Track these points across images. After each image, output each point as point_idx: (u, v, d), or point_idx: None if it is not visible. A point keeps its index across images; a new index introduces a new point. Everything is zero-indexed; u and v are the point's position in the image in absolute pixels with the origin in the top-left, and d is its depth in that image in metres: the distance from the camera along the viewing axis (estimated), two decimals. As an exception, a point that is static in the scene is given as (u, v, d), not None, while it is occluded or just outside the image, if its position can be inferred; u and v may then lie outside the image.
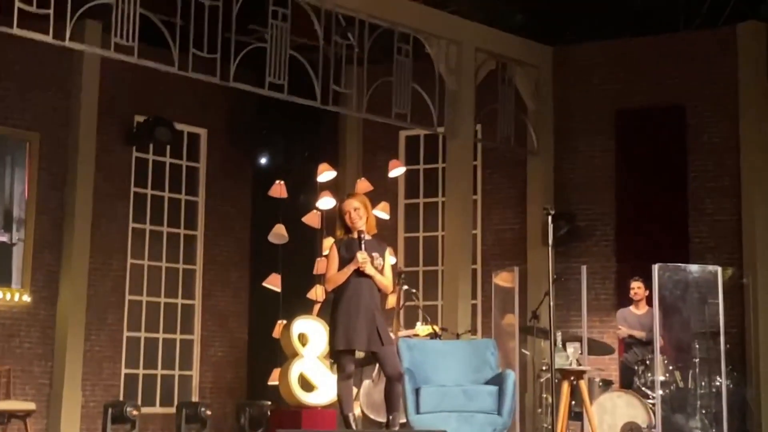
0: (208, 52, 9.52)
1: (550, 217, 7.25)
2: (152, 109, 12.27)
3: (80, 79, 11.54)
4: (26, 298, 11.24)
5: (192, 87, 11.61)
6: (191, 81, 10.12)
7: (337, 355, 6.89)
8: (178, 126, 12.51)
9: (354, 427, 6.76)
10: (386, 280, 7.01)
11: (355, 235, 7.00)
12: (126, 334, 12.19)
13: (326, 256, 7.08)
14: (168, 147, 12.62)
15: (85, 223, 11.53)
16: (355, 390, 7.36)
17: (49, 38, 8.69)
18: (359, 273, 6.87)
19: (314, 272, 10.85)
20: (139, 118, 12.28)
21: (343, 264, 6.93)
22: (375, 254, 6.96)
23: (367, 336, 6.80)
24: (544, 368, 10.69)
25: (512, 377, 8.44)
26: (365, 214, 7.04)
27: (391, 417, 6.96)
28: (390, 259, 7.09)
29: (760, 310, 11.46)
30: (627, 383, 10.51)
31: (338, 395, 6.98)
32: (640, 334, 10.70)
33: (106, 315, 11.95)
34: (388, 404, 6.99)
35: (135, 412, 10.41)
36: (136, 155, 12.46)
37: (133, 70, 11.09)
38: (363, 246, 6.91)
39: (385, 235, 9.36)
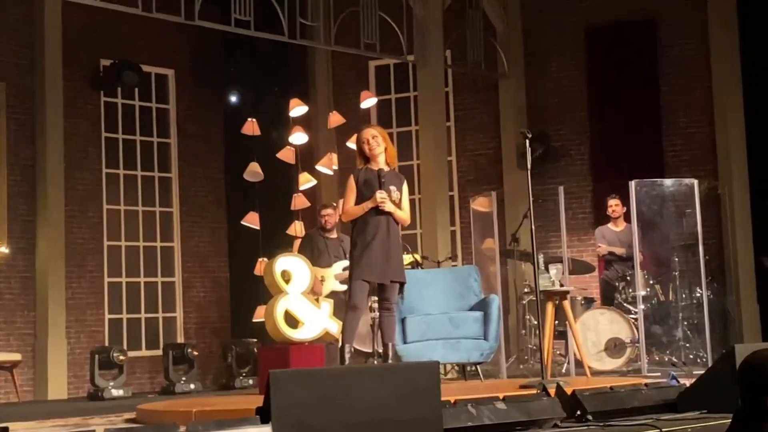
0: (172, -9, 9.37)
1: (527, 140, 7.23)
2: (118, 52, 12.09)
3: (43, 25, 11.34)
4: (4, 250, 11.17)
5: (157, 28, 11.45)
6: (156, 21, 9.98)
7: (352, 285, 6.91)
8: (145, 68, 12.34)
9: (347, 359, 6.81)
10: (404, 214, 7.01)
11: (374, 167, 6.96)
12: (107, 279, 12.16)
13: (345, 187, 7.08)
14: (136, 90, 12.47)
15: (58, 171, 11.42)
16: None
17: (8, -15, 8.52)
18: (378, 210, 6.86)
19: (291, 208, 10.84)
20: (105, 62, 12.11)
21: (360, 195, 6.91)
22: (393, 187, 6.93)
23: (382, 268, 6.83)
24: (526, 290, 10.77)
25: (496, 302, 8.52)
26: (383, 142, 7.00)
27: (389, 345, 7.01)
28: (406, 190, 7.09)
29: (736, 219, 11.57)
30: (608, 300, 10.62)
31: (343, 325, 7.05)
32: (620, 250, 10.78)
33: (85, 262, 11.91)
34: (384, 333, 7.04)
35: (122, 357, 10.43)
36: (105, 100, 12.31)
37: (96, 14, 10.94)
38: (382, 182, 6.88)
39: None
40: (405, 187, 7.09)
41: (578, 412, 5.40)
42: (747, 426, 3.42)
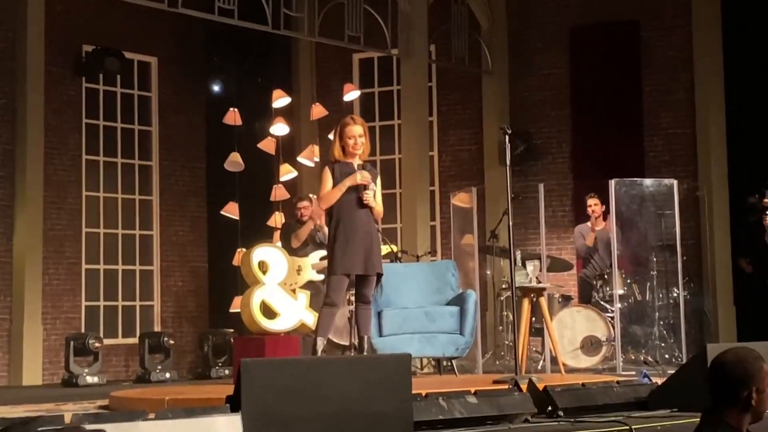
0: (156, -22, 9.33)
1: (507, 137, 7.23)
2: (101, 38, 12.04)
3: (26, 9, 11.25)
4: (-19, 235, 11.11)
5: (140, 15, 11.40)
6: (139, 8, 9.95)
7: (331, 280, 6.89)
8: (128, 55, 12.29)
9: (319, 353, 6.80)
10: (379, 207, 7.02)
11: (350, 159, 6.94)
12: (85, 266, 12.11)
13: (320, 177, 7.05)
14: (118, 77, 12.42)
15: (37, 156, 11.35)
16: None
17: (-10, -32, 8.47)
18: (359, 203, 6.84)
19: (271, 199, 10.83)
20: (88, 48, 12.05)
21: (336, 185, 6.88)
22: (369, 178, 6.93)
23: (364, 261, 6.83)
24: (504, 287, 10.79)
25: (473, 297, 8.52)
26: (365, 141, 7.00)
27: (364, 338, 7.00)
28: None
29: (715, 221, 11.62)
30: (586, 298, 10.65)
31: (318, 318, 7.03)
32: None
33: (63, 248, 11.86)
34: (360, 326, 7.03)
35: (97, 344, 10.41)
36: (87, 86, 12.25)
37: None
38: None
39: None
40: (378, 181, 7.09)
41: (549, 408, 5.41)
42: (713, 421, 3.44)
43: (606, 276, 10.32)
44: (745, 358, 3.45)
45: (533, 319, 9.46)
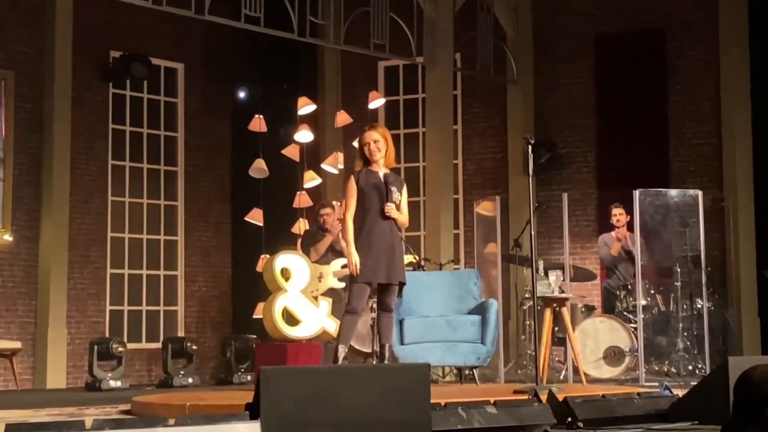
0: (183, -15, 9.39)
1: (530, 147, 7.22)
2: (128, 44, 12.13)
3: (54, 15, 11.37)
4: (8, 238, 11.21)
5: (168, 21, 11.48)
6: (167, 15, 10.00)
7: (353, 288, 6.93)
8: (155, 61, 12.37)
9: (341, 360, 6.82)
10: (404, 217, 7.08)
11: (375, 168, 7.00)
12: (109, 271, 12.18)
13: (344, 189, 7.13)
14: (145, 83, 12.50)
15: (64, 161, 11.46)
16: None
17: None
18: (383, 215, 6.90)
19: (295, 205, 10.86)
20: (115, 54, 12.15)
21: (361, 197, 6.93)
22: (393, 188, 6.97)
23: (386, 270, 6.88)
24: (526, 296, 10.77)
25: (495, 306, 8.51)
26: (385, 147, 7.03)
27: (386, 346, 7.03)
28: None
29: (740, 232, 11.55)
30: (609, 308, 10.62)
31: (340, 326, 7.09)
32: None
33: (88, 252, 11.94)
34: (381, 334, 7.07)
35: (121, 349, 10.45)
36: (113, 91, 12.34)
37: (107, 5, 11.01)
38: (389, 189, 6.92)
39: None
40: (405, 190, 7.13)
41: (569, 419, 5.40)
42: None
43: (630, 286, 10.28)
44: None
45: (556, 328, 9.45)
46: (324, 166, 11.25)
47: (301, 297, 8.15)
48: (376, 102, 11.70)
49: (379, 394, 4.45)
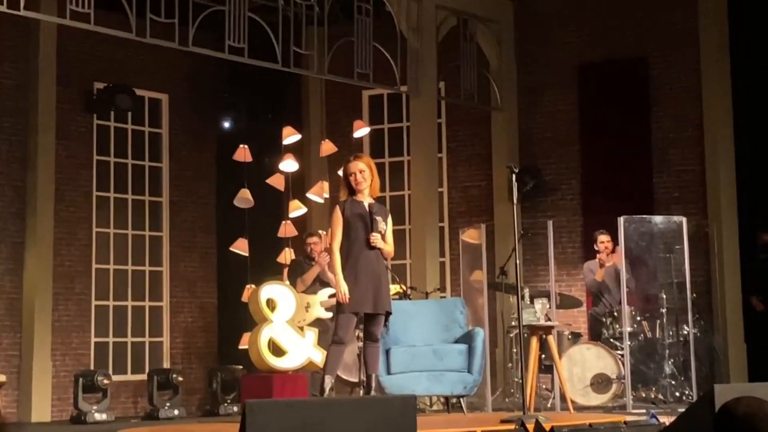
0: (166, 17, 9.40)
1: (514, 175, 7.25)
2: (112, 76, 12.13)
3: (37, 48, 11.37)
4: (-8, 271, 11.15)
5: (151, 52, 11.50)
6: (150, 46, 10.02)
7: (339, 318, 6.92)
8: (139, 92, 12.38)
9: (327, 391, 6.80)
10: (389, 247, 7.10)
11: (360, 198, 7.01)
12: (94, 303, 12.12)
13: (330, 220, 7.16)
14: (129, 114, 12.49)
15: (49, 193, 11.42)
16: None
17: (3, 7, 8.56)
18: (368, 245, 6.91)
19: (280, 235, 10.85)
20: (99, 85, 12.14)
21: (347, 228, 6.93)
22: (379, 218, 6.98)
23: (372, 299, 6.87)
24: (513, 324, 10.75)
25: (481, 335, 8.51)
26: (370, 176, 7.04)
27: (372, 376, 7.01)
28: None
29: (725, 258, 11.58)
30: (596, 335, 10.60)
31: (327, 356, 7.07)
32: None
33: (73, 284, 11.89)
34: (368, 364, 7.05)
35: (106, 381, 10.39)
36: (98, 123, 12.33)
37: (91, 37, 11.01)
38: (374, 219, 6.93)
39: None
40: (389, 220, 7.14)
41: (556, 449, 5.39)
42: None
43: (616, 313, 10.29)
44: (755, 413, 3.34)
45: (542, 356, 9.44)
46: (309, 195, 11.25)
47: (287, 327, 8.12)
48: (361, 131, 11.72)
49: (366, 426, 4.44)
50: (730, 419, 3.35)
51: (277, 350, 8.04)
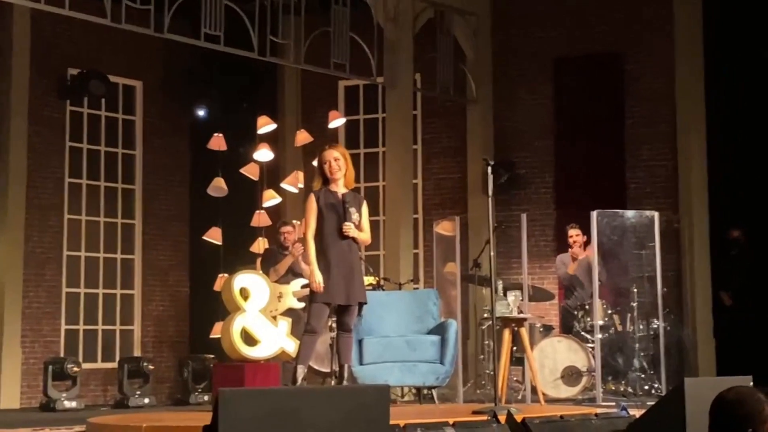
0: (141, 3, 9.33)
1: (489, 168, 7.26)
2: (86, 61, 12.05)
3: (11, 32, 11.27)
4: (-38, 256, 11.06)
5: (126, 39, 11.41)
6: (125, 33, 9.94)
7: (312, 308, 6.91)
8: (113, 79, 12.28)
9: (299, 381, 6.80)
10: (365, 235, 7.07)
11: (334, 188, 7.00)
12: (65, 290, 12.05)
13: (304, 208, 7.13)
14: (103, 100, 12.41)
15: (20, 178, 11.33)
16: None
17: (-24, -9, 8.48)
18: (341, 234, 6.89)
19: (253, 224, 10.82)
20: (73, 71, 12.06)
21: (321, 217, 6.92)
22: (352, 209, 6.96)
23: (345, 290, 6.86)
24: (485, 316, 10.79)
25: (454, 326, 8.53)
26: (345, 166, 7.03)
27: (344, 366, 7.01)
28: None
29: (695, 253, 11.66)
30: (567, 328, 10.66)
31: (299, 346, 7.06)
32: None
33: (44, 271, 11.81)
34: (341, 354, 7.06)
35: (76, 369, 10.35)
36: (71, 109, 12.24)
37: (65, 23, 10.93)
38: (346, 208, 6.91)
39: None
40: (365, 208, 7.13)
41: (528, 440, 5.42)
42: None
43: (587, 306, 10.35)
44: (746, 399, 3.46)
45: (514, 348, 9.48)
46: (284, 185, 11.23)
47: (260, 317, 8.11)
48: (336, 121, 11.71)
49: (339, 415, 4.43)
50: (723, 403, 3.48)
51: (249, 339, 8.02)
